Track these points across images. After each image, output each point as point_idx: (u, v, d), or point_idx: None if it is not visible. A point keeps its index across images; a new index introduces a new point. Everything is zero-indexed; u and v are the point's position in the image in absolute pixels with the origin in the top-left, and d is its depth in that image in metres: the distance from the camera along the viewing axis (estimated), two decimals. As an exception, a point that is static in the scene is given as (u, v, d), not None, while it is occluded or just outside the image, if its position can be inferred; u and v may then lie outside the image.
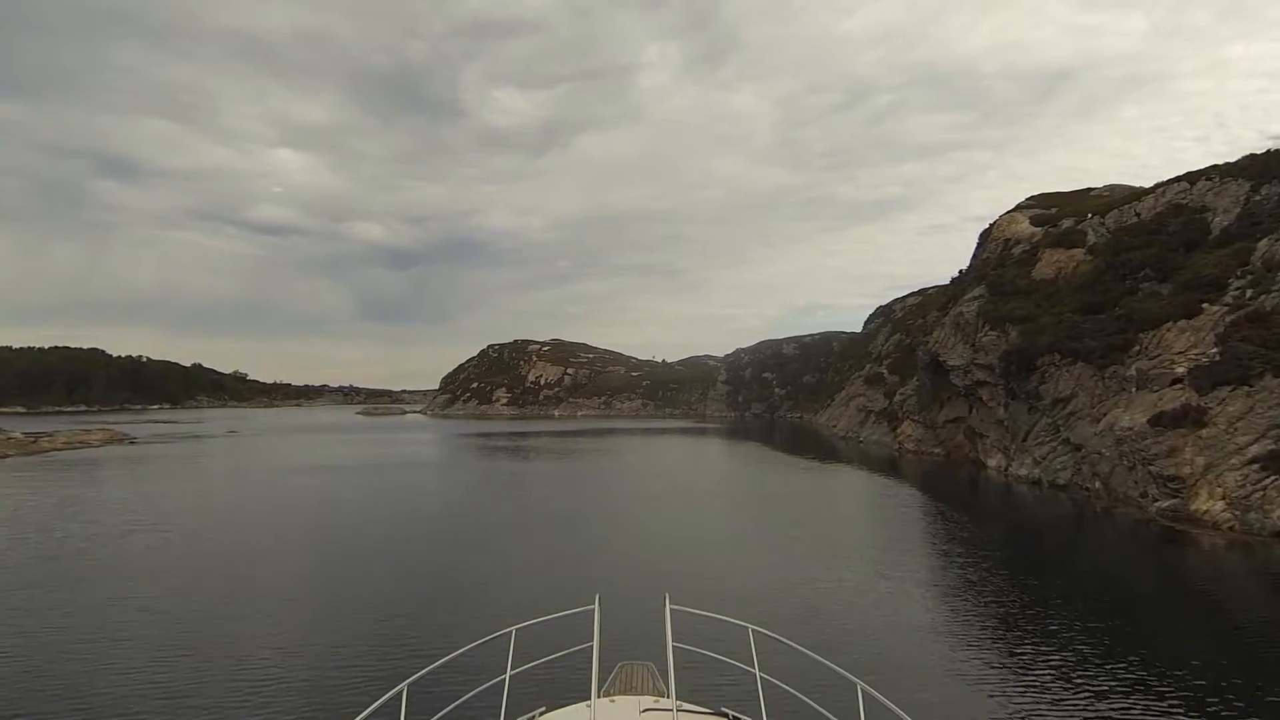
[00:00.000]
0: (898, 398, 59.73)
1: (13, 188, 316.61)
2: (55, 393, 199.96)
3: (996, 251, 50.36)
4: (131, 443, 66.49)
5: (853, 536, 25.50)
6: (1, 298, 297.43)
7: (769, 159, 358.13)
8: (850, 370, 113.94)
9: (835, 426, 79.85)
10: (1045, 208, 51.55)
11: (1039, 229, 47.82)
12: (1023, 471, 36.16)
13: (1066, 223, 45.50)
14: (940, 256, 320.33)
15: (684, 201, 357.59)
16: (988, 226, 56.85)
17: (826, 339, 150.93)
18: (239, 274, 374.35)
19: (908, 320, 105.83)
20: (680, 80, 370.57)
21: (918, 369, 54.51)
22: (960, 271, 58.57)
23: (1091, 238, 42.05)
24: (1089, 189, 57.35)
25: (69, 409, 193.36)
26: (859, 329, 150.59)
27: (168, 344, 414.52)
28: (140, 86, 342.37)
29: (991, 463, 41.20)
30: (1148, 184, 44.60)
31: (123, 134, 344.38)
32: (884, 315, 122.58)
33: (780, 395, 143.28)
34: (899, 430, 56.03)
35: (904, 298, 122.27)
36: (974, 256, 62.44)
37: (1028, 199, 57.63)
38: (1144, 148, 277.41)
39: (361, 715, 3.72)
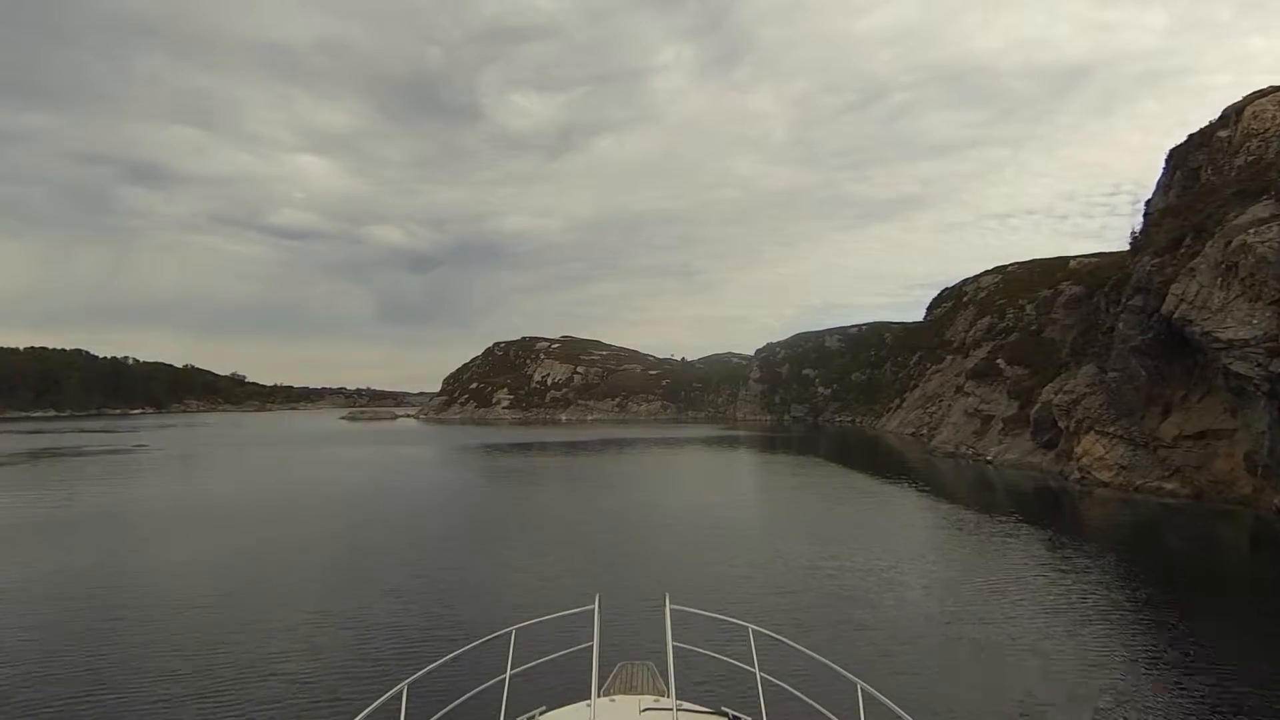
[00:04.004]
0: (1056, 398, 39.17)
1: (41, 195, 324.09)
2: (23, 396, 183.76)
3: (1271, 149, 29.79)
4: (-48, 467, 47.78)
5: None
6: (28, 303, 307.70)
7: (784, 159, 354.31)
8: (921, 364, 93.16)
9: (932, 438, 59.25)
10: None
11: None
12: None
13: None
14: (959, 254, 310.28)
15: (699, 202, 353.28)
16: (1210, 123, 36.43)
17: (876, 329, 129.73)
18: (261, 278, 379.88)
19: (995, 300, 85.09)
20: (695, 82, 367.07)
21: (1113, 351, 33.93)
22: (1158, 197, 37.97)
23: None
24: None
25: (36, 414, 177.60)
26: (868, 328, 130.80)
27: (188, 347, 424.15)
28: (166, 95, 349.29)
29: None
30: None
31: (149, 141, 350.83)
32: (954, 298, 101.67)
33: (825, 395, 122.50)
34: (1074, 448, 35.57)
35: (976, 277, 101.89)
36: (1162, 186, 42.00)
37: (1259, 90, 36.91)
38: (1167, 143, 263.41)
39: (361, 715, 3.68)
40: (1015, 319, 74.76)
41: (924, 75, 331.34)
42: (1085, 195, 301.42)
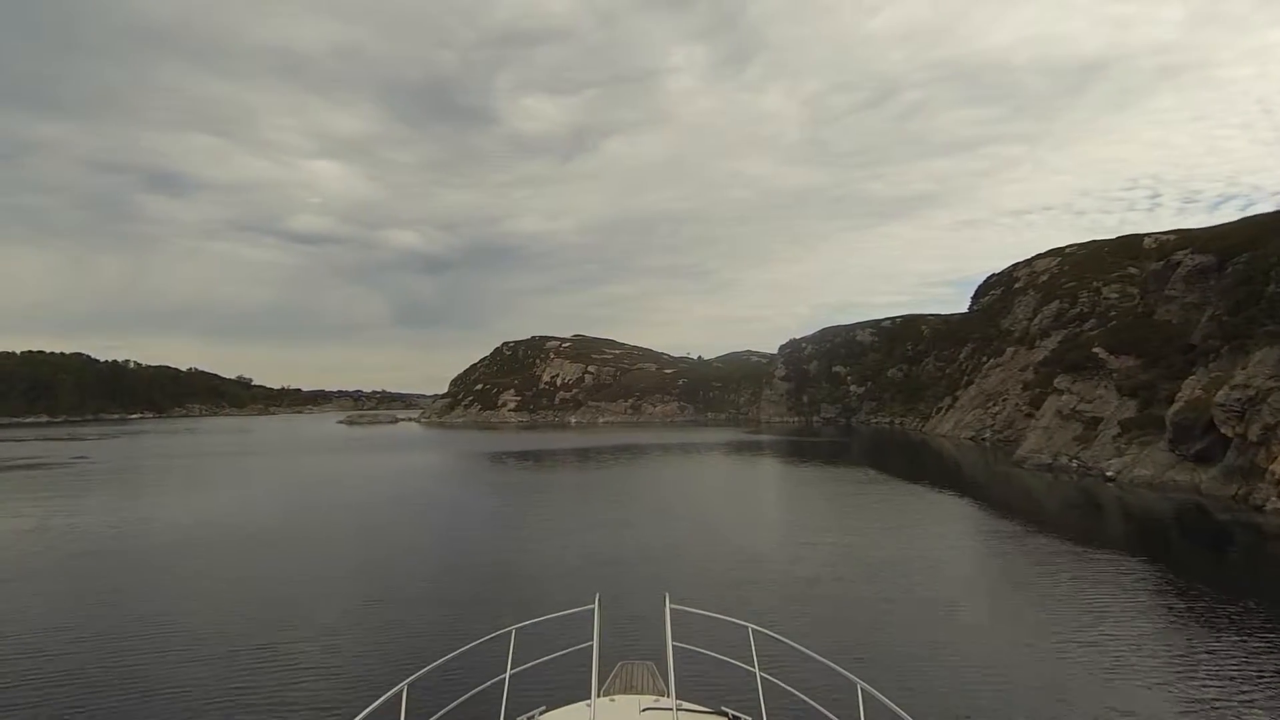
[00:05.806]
0: (1217, 395, 29.08)
1: (60, 204, 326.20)
2: (14, 402, 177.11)
3: None
4: None
5: None
6: (47, 310, 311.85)
7: (797, 158, 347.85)
8: (974, 357, 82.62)
9: (1010, 444, 49.11)
10: None
11: None
12: None
13: None
14: (974, 252, 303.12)
15: (712, 202, 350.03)
16: None
17: (912, 321, 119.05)
18: (277, 283, 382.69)
19: (1062, 283, 74.57)
20: (707, 82, 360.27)
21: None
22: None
23: None
24: None
25: (28, 420, 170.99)
26: (903, 320, 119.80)
27: (203, 352, 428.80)
28: (184, 103, 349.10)
29: None
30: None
31: (167, 149, 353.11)
32: (1004, 284, 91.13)
33: (858, 394, 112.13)
34: (1262, 466, 25.50)
35: (1029, 261, 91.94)
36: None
37: None
38: (1184, 137, 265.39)
39: (361, 715, 3.65)
40: (1092, 302, 64.65)
41: (936, 73, 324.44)
42: (1102, 191, 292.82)
